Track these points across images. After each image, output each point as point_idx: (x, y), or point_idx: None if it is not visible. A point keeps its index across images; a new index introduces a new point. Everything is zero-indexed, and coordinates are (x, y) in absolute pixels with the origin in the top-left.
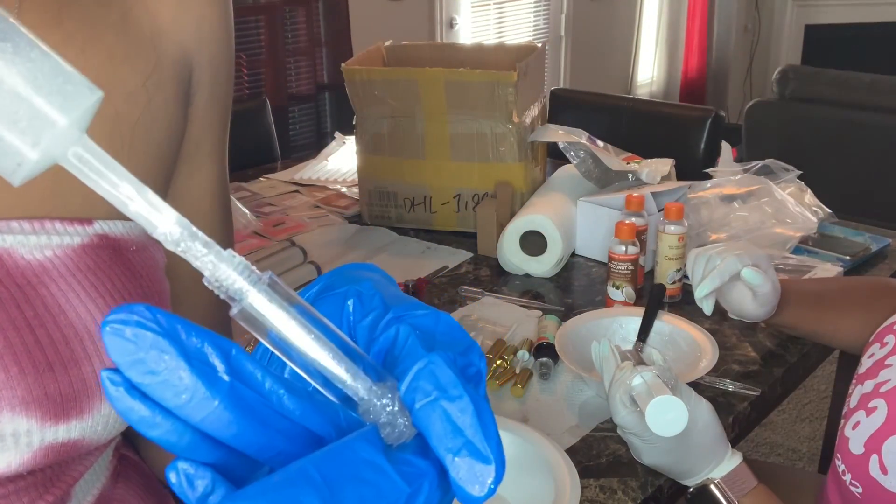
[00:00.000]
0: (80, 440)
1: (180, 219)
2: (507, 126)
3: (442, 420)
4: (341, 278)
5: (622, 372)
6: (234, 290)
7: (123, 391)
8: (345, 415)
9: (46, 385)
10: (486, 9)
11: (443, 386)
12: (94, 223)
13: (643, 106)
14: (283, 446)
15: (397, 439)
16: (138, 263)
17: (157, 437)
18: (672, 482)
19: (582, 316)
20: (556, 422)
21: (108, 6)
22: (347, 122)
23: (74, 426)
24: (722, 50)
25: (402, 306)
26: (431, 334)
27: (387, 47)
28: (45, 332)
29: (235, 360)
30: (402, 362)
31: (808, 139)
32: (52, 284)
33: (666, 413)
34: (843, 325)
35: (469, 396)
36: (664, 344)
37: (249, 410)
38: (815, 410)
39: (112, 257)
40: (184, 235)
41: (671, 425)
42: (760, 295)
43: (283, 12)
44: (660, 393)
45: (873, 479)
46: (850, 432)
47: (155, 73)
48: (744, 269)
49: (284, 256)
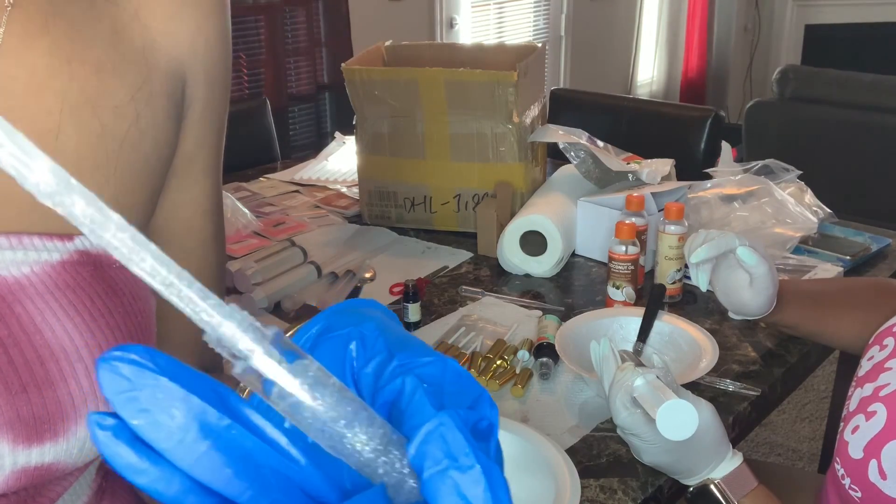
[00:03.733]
0: (54, 464)
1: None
2: (507, 126)
3: (452, 493)
4: (342, 318)
5: (623, 373)
6: (237, 350)
7: (111, 435)
8: (348, 471)
9: (19, 407)
10: (486, 9)
11: (453, 454)
12: (74, 239)
13: (643, 106)
14: (278, 497)
15: (405, 501)
16: (120, 281)
17: (145, 485)
18: (672, 482)
19: (582, 316)
20: (556, 422)
21: (98, 18)
22: (347, 122)
23: (48, 449)
24: (722, 50)
25: (406, 353)
26: (439, 385)
27: (387, 47)
28: (18, 352)
29: (233, 404)
30: (409, 419)
31: (808, 139)
32: (29, 302)
33: (676, 417)
34: (844, 325)
35: (481, 465)
36: (664, 344)
37: (244, 455)
38: (815, 410)
39: (92, 274)
40: (60, 188)
41: (681, 429)
42: (757, 279)
43: (283, 12)
44: (664, 395)
45: (872, 484)
46: (849, 436)
47: (145, 86)
48: (740, 247)
49: (284, 256)
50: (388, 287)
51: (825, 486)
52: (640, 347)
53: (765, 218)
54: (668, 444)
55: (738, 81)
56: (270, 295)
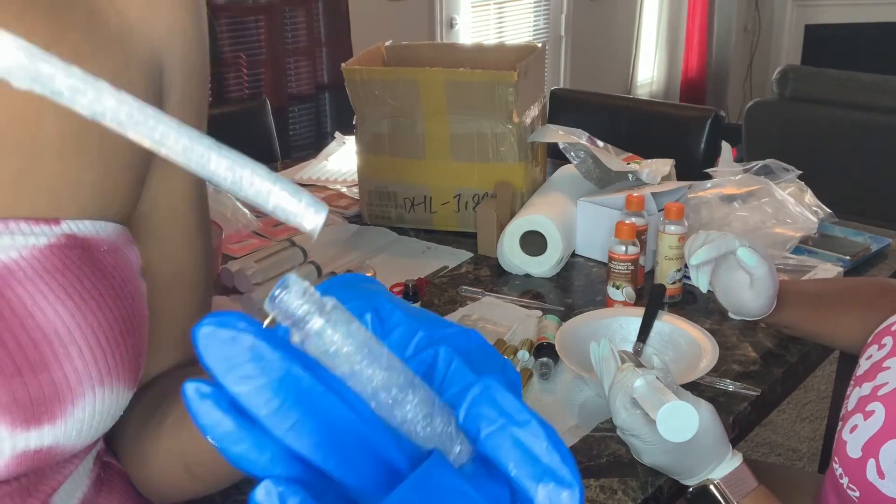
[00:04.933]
0: (53, 447)
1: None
2: (508, 126)
3: (516, 447)
4: (347, 291)
5: (623, 374)
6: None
7: (211, 404)
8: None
9: (15, 390)
10: (486, 9)
11: (507, 412)
12: (61, 223)
13: (643, 106)
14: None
15: (454, 464)
16: (109, 264)
17: (239, 454)
18: (672, 482)
19: (582, 316)
20: (557, 422)
21: (73, 4)
22: (347, 122)
23: (47, 432)
24: (722, 50)
25: (429, 323)
26: (468, 353)
27: (387, 47)
28: (11, 336)
29: (321, 371)
30: (450, 386)
31: (808, 139)
32: (19, 286)
33: (676, 419)
34: (843, 325)
35: (536, 420)
36: (664, 344)
37: (332, 422)
38: (815, 410)
39: (81, 258)
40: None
41: (681, 431)
42: (758, 280)
43: (283, 12)
44: (664, 397)
45: (871, 483)
46: (847, 436)
47: (124, 72)
48: (740, 248)
49: (284, 256)
50: (388, 287)
51: (824, 486)
52: (639, 348)
53: (765, 218)
54: (668, 444)
55: (738, 81)
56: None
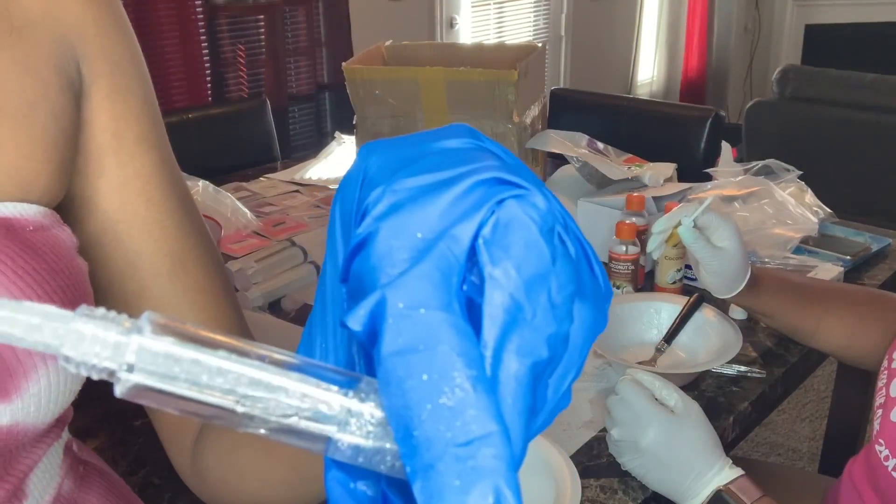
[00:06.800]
0: (14, 425)
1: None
2: (508, 125)
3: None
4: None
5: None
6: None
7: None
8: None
9: None
10: (486, 9)
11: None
12: None
13: (643, 106)
14: None
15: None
16: (39, 242)
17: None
18: None
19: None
20: (557, 422)
21: None
22: (347, 121)
23: (4, 410)
24: (722, 50)
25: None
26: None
27: (387, 47)
28: None
29: None
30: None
31: (808, 139)
32: None
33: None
34: (827, 323)
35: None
36: (696, 329)
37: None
38: (815, 410)
39: (7, 236)
40: None
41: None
42: (712, 256)
43: (283, 12)
44: (665, 385)
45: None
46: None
47: (28, 60)
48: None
49: (284, 256)
50: None
51: (838, 486)
52: (663, 347)
53: (765, 218)
54: (660, 456)
55: (738, 81)
56: (268, 294)
